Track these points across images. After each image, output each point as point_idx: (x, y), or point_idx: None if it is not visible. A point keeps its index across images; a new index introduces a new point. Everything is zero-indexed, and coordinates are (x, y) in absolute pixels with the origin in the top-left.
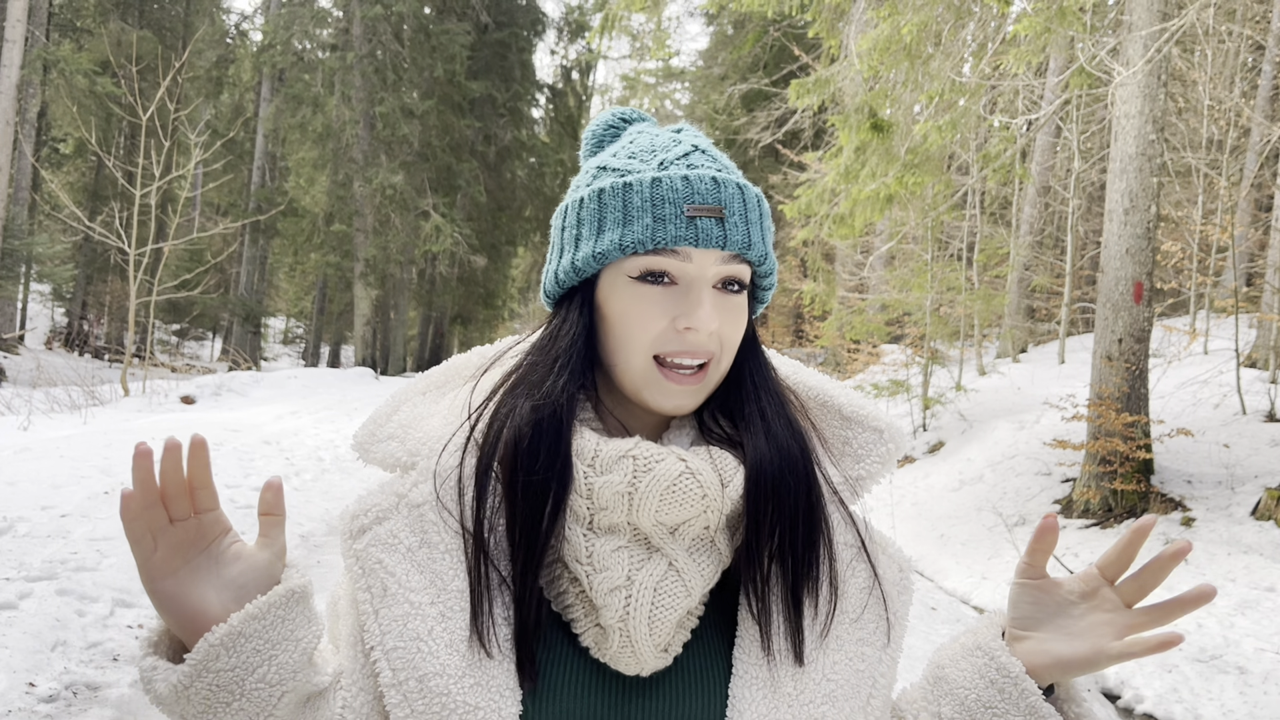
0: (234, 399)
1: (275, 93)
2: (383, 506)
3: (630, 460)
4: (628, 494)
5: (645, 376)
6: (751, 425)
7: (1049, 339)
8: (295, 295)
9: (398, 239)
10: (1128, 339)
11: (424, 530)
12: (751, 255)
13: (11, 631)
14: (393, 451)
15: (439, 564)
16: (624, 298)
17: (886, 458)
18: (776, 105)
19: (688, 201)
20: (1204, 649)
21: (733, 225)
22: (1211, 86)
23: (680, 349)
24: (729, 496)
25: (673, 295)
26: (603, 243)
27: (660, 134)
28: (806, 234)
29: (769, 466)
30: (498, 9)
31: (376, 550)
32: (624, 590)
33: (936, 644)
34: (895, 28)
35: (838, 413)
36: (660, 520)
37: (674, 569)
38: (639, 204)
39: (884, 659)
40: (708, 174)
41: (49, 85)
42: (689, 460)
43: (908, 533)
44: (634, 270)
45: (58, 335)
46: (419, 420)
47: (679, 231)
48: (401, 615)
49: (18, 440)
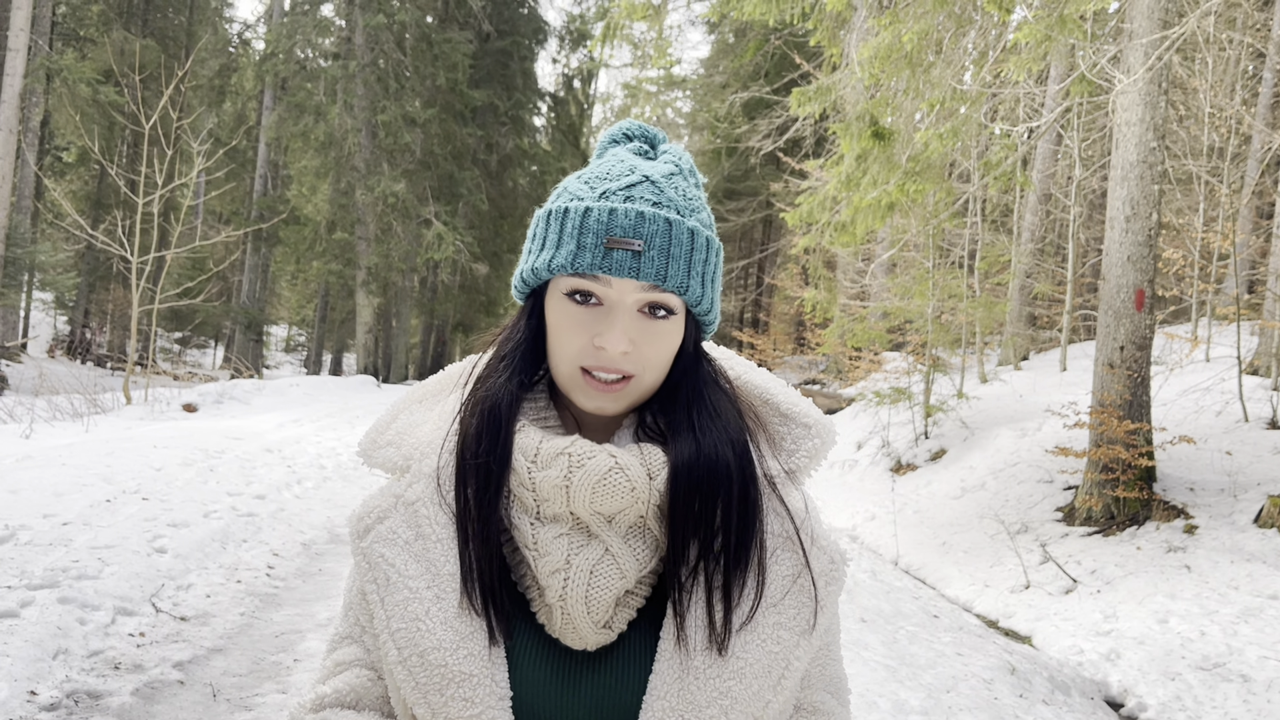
0: (236, 407)
1: (278, 101)
2: (383, 507)
3: (566, 457)
4: (564, 486)
5: (571, 381)
6: (678, 430)
7: (1051, 346)
8: (297, 303)
9: (400, 247)
10: (1129, 346)
11: (419, 524)
12: (667, 286)
13: (13, 640)
14: (390, 456)
15: (433, 552)
16: (556, 311)
17: (815, 451)
18: (778, 113)
19: (608, 233)
20: (1207, 657)
21: (649, 259)
22: (1212, 94)
23: (596, 364)
24: (655, 488)
25: (595, 314)
26: (540, 260)
27: (624, 160)
28: (808, 241)
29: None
30: (500, 18)
31: (379, 546)
32: (563, 573)
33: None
34: (896, 36)
35: (776, 409)
36: (596, 510)
37: (609, 554)
38: (570, 230)
39: (802, 644)
40: (635, 209)
41: (52, 94)
42: (619, 456)
43: (910, 541)
44: (566, 288)
45: (60, 343)
46: (413, 427)
47: (595, 260)
48: (402, 600)
49: (20, 448)
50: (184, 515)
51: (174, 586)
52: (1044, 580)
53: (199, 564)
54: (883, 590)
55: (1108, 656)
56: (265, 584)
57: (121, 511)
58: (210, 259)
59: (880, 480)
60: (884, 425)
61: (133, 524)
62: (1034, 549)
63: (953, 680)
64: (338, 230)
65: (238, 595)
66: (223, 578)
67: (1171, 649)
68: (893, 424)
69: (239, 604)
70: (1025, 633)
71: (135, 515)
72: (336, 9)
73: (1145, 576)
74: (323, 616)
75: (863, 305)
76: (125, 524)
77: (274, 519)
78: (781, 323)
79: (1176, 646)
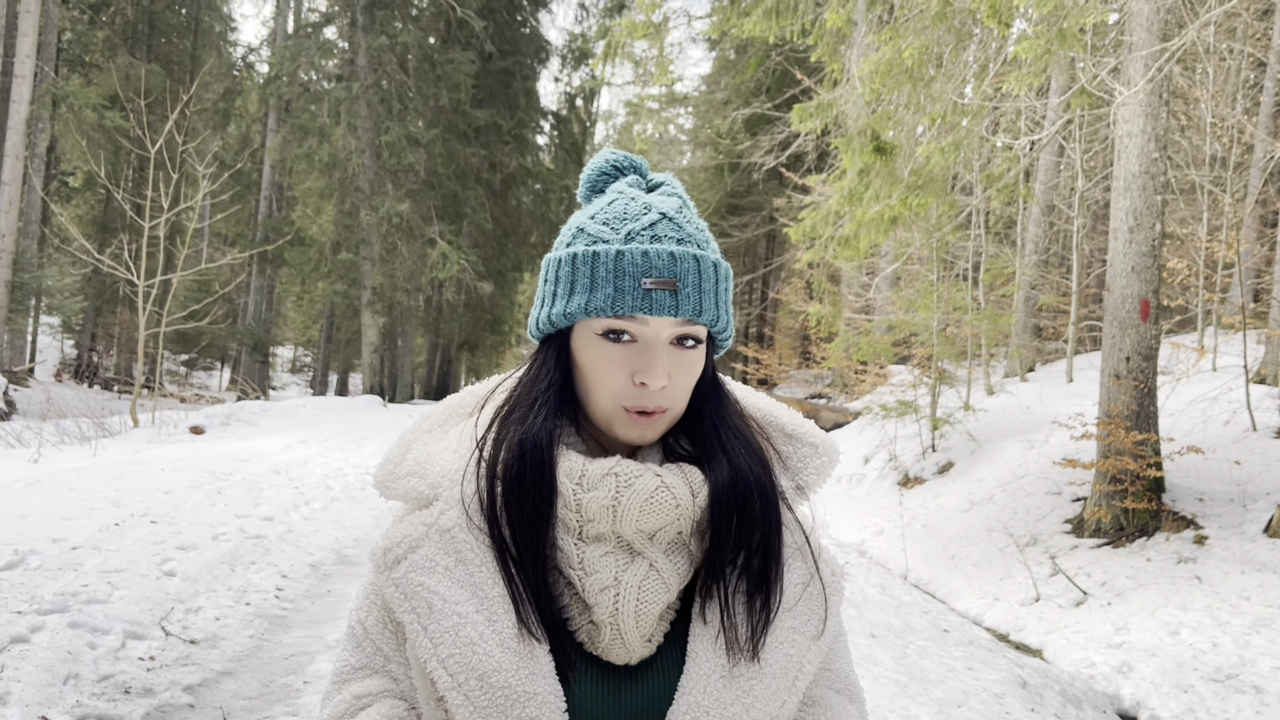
0: (243, 428)
1: (282, 123)
2: (414, 537)
3: (614, 477)
4: (612, 506)
5: (613, 415)
6: (710, 447)
7: (1057, 358)
8: (303, 324)
9: (404, 267)
10: (1135, 357)
11: (457, 550)
12: (703, 320)
13: (24, 665)
14: (415, 486)
15: (477, 576)
16: (591, 352)
17: (821, 469)
18: (780, 129)
19: (645, 274)
20: (1219, 668)
21: (685, 296)
22: (1213, 104)
23: (638, 402)
24: (698, 505)
25: (632, 352)
26: (572, 304)
27: (636, 199)
28: (811, 256)
29: (729, 483)
30: (501, 38)
31: (416, 575)
32: (612, 590)
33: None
34: (896, 51)
35: (781, 430)
36: (640, 528)
37: (654, 569)
38: (603, 274)
39: (813, 648)
40: (665, 249)
41: (58, 120)
42: (664, 475)
43: (919, 554)
44: (599, 328)
45: (67, 367)
46: (433, 456)
47: (636, 302)
48: (452, 626)
49: (28, 473)
50: (192, 538)
51: (183, 609)
52: (1054, 593)
53: (208, 587)
54: (892, 605)
55: (1119, 669)
56: (274, 606)
57: (130, 535)
58: (216, 281)
59: (888, 494)
60: (891, 439)
61: (141, 547)
62: (1043, 561)
63: (964, 695)
64: (342, 251)
65: (247, 618)
66: (231, 600)
67: (1183, 660)
68: (899, 437)
69: (248, 626)
70: (1036, 646)
71: (144, 538)
72: (339, 31)
73: (1156, 588)
74: (332, 638)
75: (868, 319)
76: (134, 547)
77: (282, 541)
78: (786, 337)
79: (1188, 658)
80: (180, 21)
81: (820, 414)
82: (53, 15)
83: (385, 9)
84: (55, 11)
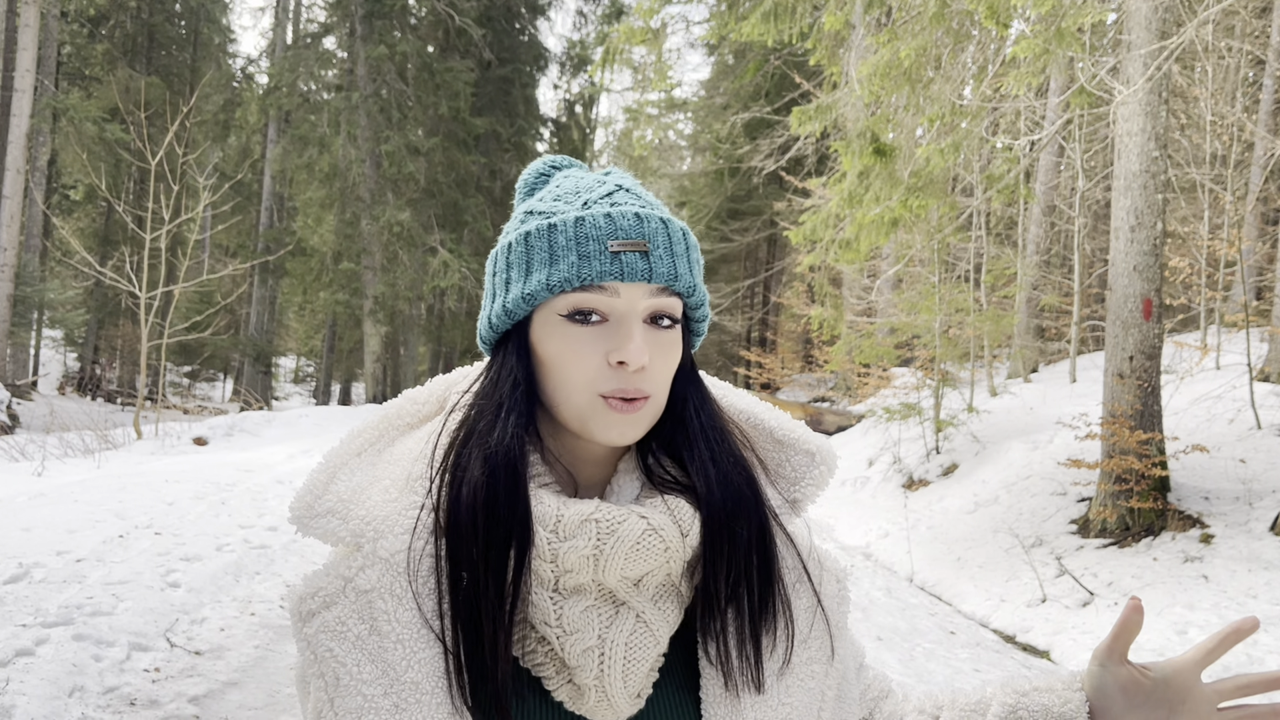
0: (246, 439)
1: (282, 134)
2: (328, 591)
3: (594, 524)
4: (593, 556)
5: (588, 411)
6: (701, 467)
7: (1059, 358)
8: (305, 334)
9: (406, 275)
10: (1139, 356)
11: (373, 618)
12: (679, 286)
13: (29, 678)
14: (334, 529)
15: (390, 654)
16: (555, 338)
17: (820, 480)
18: (779, 133)
19: (611, 237)
20: (1227, 667)
21: (658, 258)
22: (1213, 102)
23: (616, 386)
24: (689, 545)
25: (604, 332)
26: (530, 284)
27: (586, 176)
28: (812, 259)
29: (721, 509)
30: (500, 46)
31: (325, 638)
32: (596, 650)
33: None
34: (895, 53)
35: (769, 435)
36: (625, 575)
37: (641, 621)
38: (563, 243)
39: (830, 673)
40: (630, 210)
41: (58, 133)
42: (650, 518)
43: (924, 556)
44: (563, 309)
45: (70, 380)
46: (359, 493)
47: (604, 267)
48: (356, 708)
49: (33, 486)
50: (196, 549)
51: (188, 621)
52: (1060, 593)
53: (212, 598)
54: (898, 608)
55: None
56: (279, 616)
57: (134, 547)
58: (218, 292)
59: (893, 497)
60: (895, 441)
61: (146, 559)
62: (1049, 562)
63: None
64: (344, 260)
65: (252, 628)
66: (236, 611)
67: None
68: (903, 440)
69: (253, 637)
70: (1043, 647)
71: (148, 550)
72: (338, 41)
73: (1162, 587)
74: None
75: (870, 321)
76: (138, 559)
77: (286, 550)
78: (789, 341)
79: None
80: (179, 34)
81: (824, 417)
82: (52, 29)
83: (384, 19)
84: (55, 25)
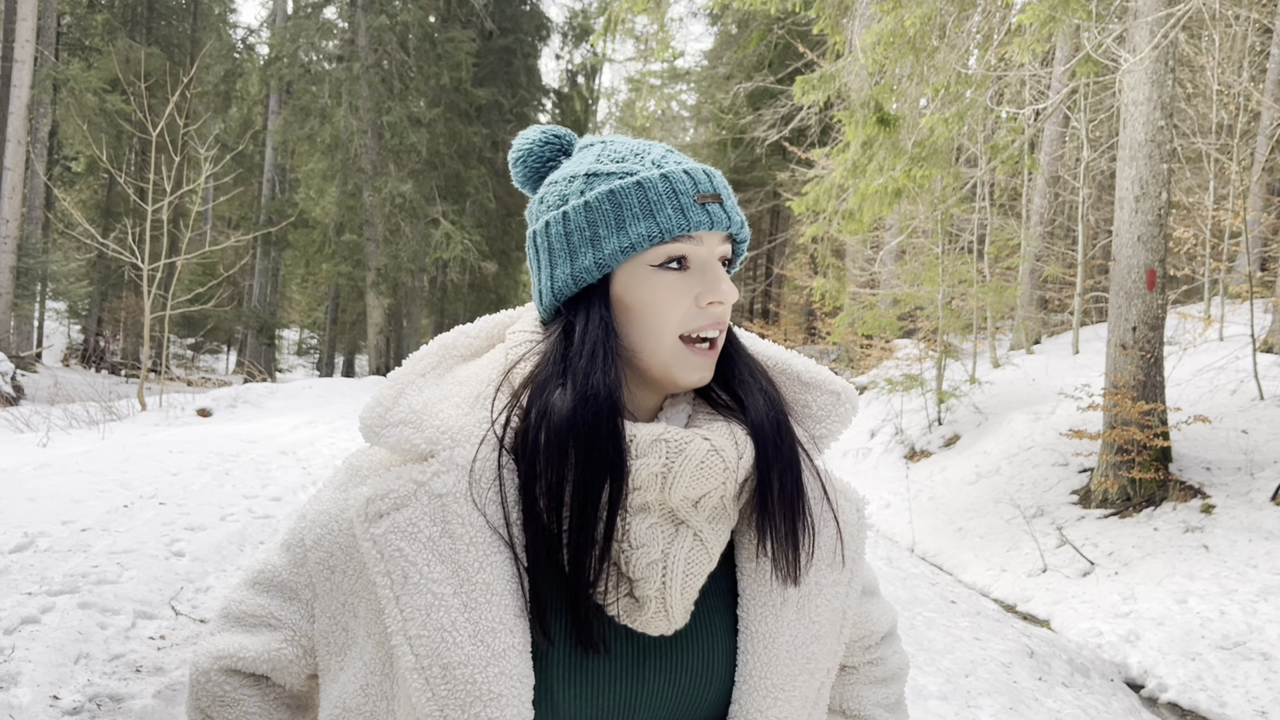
0: (250, 410)
1: (283, 105)
2: (400, 493)
3: (664, 444)
4: (662, 474)
5: (674, 354)
6: (748, 388)
7: (1062, 329)
8: (308, 306)
9: (408, 247)
10: (1142, 327)
11: (446, 521)
12: (741, 233)
13: (35, 645)
14: (409, 437)
15: (463, 556)
16: (649, 285)
17: (844, 417)
18: (782, 103)
19: (696, 191)
20: (1227, 636)
21: (730, 208)
22: (1220, 71)
23: (704, 323)
24: (744, 466)
25: (690, 278)
26: (629, 235)
27: (628, 141)
28: (815, 230)
29: (769, 424)
30: (502, 15)
31: (395, 538)
32: (660, 564)
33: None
34: (899, 21)
35: (796, 378)
36: (688, 495)
37: (699, 539)
38: (655, 198)
39: (850, 592)
40: (698, 167)
41: (59, 104)
42: (713, 439)
43: (925, 527)
44: (656, 259)
45: (74, 352)
46: (430, 406)
47: (699, 217)
48: (425, 605)
49: (38, 456)
50: (201, 519)
51: (193, 589)
52: (1061, 563)
53: (216, 567)
54: (899, 577)
55: (1127, 638)
56: None
57: (139, 516)
58: (220, 264)
59: (894, 467)
60: (897, 413)
61: (150, 529)
62: (1050, 532)
63: (971, 665)
64: (346, 232)
65: None
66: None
67: (1191, 629)
68: (906, 411)
69: None
70: (1043, 616)
71: (153, 520)
72: (339, 11)
73: (1163, 557)
74: None
75: (872, 293)
76: (143, 529)
77: (290, 520)
78: (791, 313)
79: (1196, 626)
80: (179, 4)
81: None
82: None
83: None
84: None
